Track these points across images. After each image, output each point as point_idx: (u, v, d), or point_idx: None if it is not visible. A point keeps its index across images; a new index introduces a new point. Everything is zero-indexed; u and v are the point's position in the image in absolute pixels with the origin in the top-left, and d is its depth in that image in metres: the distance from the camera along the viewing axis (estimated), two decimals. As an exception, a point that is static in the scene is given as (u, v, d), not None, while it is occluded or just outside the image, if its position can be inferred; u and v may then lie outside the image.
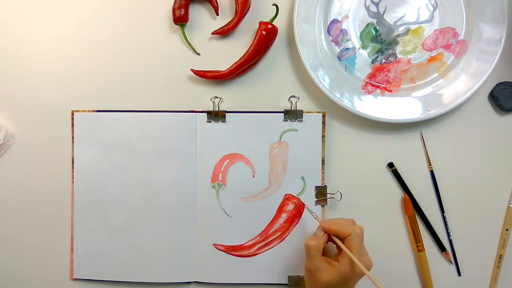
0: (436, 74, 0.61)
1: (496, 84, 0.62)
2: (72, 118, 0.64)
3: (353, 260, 0.51)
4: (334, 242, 0.55)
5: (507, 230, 0.62)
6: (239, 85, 0.64)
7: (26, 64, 0.65)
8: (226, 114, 0.62)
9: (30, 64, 0.65)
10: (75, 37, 0.65)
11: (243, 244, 0.63)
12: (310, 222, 0.62)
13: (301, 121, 0.62)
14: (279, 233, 0.62)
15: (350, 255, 0.51)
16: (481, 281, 0.63)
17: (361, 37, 0.62)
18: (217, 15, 0.63)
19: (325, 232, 0.55)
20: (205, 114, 0.63)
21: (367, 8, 0.62)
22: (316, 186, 0.62)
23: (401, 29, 0.62)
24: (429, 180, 0.63)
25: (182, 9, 0.62)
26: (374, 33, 0.62)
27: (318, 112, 0.62)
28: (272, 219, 0.63)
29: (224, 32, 0.63)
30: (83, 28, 0.65)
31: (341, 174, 0.63)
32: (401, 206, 0.63)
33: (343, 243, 0.53)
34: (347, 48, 0.62)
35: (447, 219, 0.62)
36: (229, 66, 0.62)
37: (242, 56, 0.62)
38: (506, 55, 0.61)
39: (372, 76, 0.62)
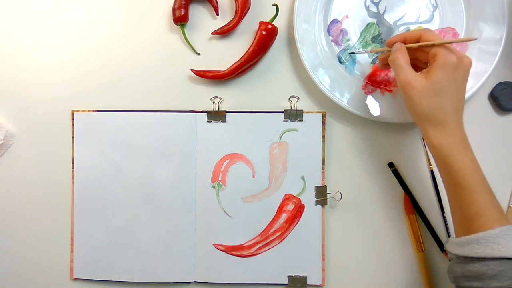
0: (436, 74, 0.61)
1: (496, 84, 0.62)
2: (72, 118, 0.64)
3: (447, 46, 0.48)
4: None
5: (507, 230, 0.62)
6: (239, 85, 0.64)
7: (26, 64, 0.65)
8: (226, 114, 0.62)
9: (30, 64, 0.65)
10: (75, 37, 0.65)
11: (243, 244, 0.63)
12: (310, 222, 0.62)
13: (301, 121, 0.62)
14: (279, 233, 0.62)
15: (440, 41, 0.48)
16: (481, 281, 0.63)
17: (361, 37, 0.62)
18: (217, 15, 0.63)
19: (398, 43, 0.51)
20: (205, 114, 0.63)
21: (367, 8, 0.62)
22: (316, 186, 0.62)
23: (401, 29, 0.62)
24: (429, 180, 0.63)
25: (182, 9, 0.62)
26: (374, 33, 0.62)
27: (318, 112, 0.62)
28: (272, 219, 0.63)
29: (224, 32, 0.63)
30: (83, 28, 0.65)
31: (341, 174, 0.63)
32: (401, 206, 0.63)
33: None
34: (347, 48, 0.62)
35: (447, 219, 0.62)
36: (229, 66, 0.62)
37: (242, 56, 0.62)
38: (506, 55, 0.61)
39: (372, 76, 0.62)
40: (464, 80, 0.50)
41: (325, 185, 0.62)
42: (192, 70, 0.63)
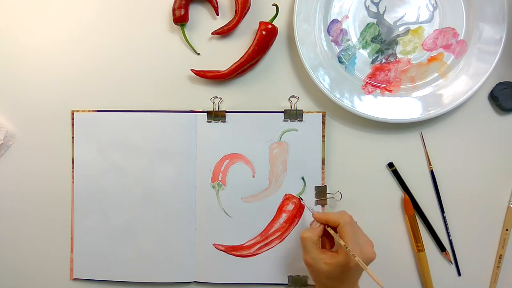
0: (436, 74, 0.61)
1: (496, 84, 0.62)
2: (72, 118, 0.64)
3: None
4: (330, 236, 0.55)
5: (507, 230, 0.62)
6: (239, 85, 0.64)
7: (26, 65, 0.65)
8: (226, 114, 0.62)
9: (30, 64, 0.65)
10: (75, 37, 0.65)
11: (243, 244, 0.63)
12: (310, 222, 0.62)
13: (301, 121, 0.62)
14: (279, 233, 0.62)
15: (341, 243, 0.51)
16: (481, 281, 0.63)
17: (361, 37, 0.62)
18: (217, 15, 0.63)
19: (320, 223, 0.55)
20: (205, 114, 0.63)
21: (367, 8, 0.62)
22: (316, 186, 0.62)
23: (401, 29, 0.62)
24: (429, 180, 0.63)
25: (182, 9, 0.62)
26: (374, 33, 0.62)
27: (318, 112, 0.62)
28: (272, 219, 0.63)
29: (224, 32, 0.63)
30: (83, 28, 0.65)
31: (341, 174, 0.63)
32: (401, 206, 0.63)
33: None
34: (347, 48, 0.62)
35: (447, 219, 0.62)
36: (229, 66, 0.62)
37: (242, 56, 0.62)
38: (506, 55, 0.61)
39: (372, 76, 0.62)
40: (358, 272, 0.54)
41: (325, 185, 0.62)
42: (192, 70, 0.63)
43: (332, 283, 0.52)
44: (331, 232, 0.54)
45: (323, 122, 0.62)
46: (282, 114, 0.62)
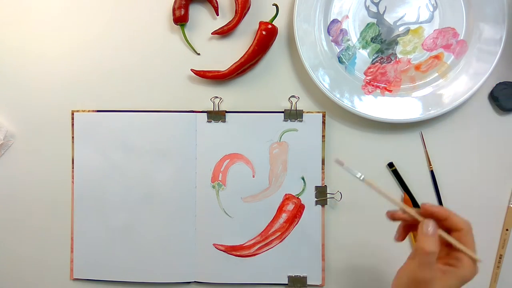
0: (436, 74, 0.61)
1: (496, 84, 0.62)
2: (72, 118, 0.64)
3: (474, 260, 0.45)
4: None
5: (507, 230, 0.62)
6: (239, 85, 0.64)
7: (26, 64, 0.65)
8: (226, 114, 0.62)
9: (30, 64, 0.65)
10: (75, 38, 0.65)
11: (243, 244, 0.63)
12: (310, 222, 0.62)
13: (301, 121, 0.62)
14: (279, 233, 0.62)
15: (469, 252, 0.45)
16: (481, 281, 0.63)
17: (361, 37, 0.62)
18: (217, 15, 0.63)
19: (433, 225, 0.46)
20: (205, 114, 0.63)
21: (367, 8, 0.62)
22: (316, 186, 0.62)
23: (401, 29, 0.62)
24: (429, 180, 0.63)
25: (182, 9, 0.62)
26: (374, 33, 0.62)
27: (318, 112, 0.62)
28: (272, 219, 0.63)
29: (224, 32, 0.63)
30: (83, 28, 0.65)
31: (341, 174, 0.63)
32: (401, 206, 0.63)
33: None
34: (347, 48, 0.62)
35: (447, 219, 0.62)
36: (229, 66, 0.62)
37: (242, 56, 0.62)
38: (506, 55, 0.61)
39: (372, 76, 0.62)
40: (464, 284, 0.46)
41: (325, 185, 0.62)
42: (192, 70, 0.63)
43: None
44: (452, 240, 0.46)
45: (323, 122, 0.62)
46: (282, 114, 0.62)
